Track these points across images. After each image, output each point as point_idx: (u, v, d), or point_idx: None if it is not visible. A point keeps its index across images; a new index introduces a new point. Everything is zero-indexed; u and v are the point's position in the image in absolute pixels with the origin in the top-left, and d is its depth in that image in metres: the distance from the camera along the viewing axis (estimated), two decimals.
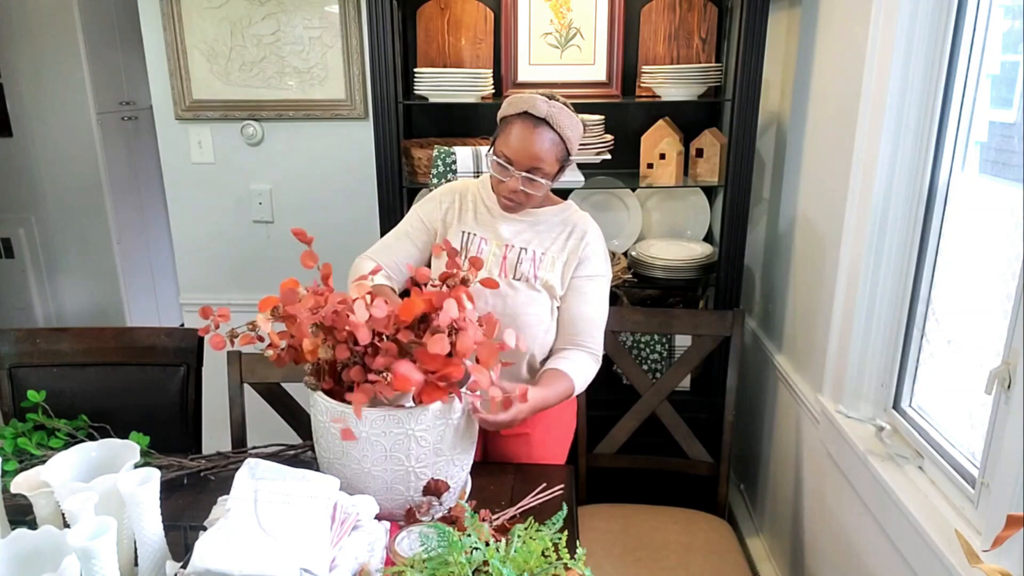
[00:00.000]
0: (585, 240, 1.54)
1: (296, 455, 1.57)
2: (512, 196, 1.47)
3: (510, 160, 1.43)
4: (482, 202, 1.59)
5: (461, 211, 1.58)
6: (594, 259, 1.54)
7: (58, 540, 1.00)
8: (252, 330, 1.25)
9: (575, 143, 1.46)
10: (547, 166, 1.43)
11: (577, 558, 1.12)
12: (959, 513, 1.30)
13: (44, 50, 3.41)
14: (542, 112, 1.40)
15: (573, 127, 1.44)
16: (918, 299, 1.56)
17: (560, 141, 1.42)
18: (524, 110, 1.42)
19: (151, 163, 3.80)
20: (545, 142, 1.41)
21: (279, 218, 2.62)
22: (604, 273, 1.56)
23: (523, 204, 1.50)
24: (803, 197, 2.02)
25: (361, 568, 1.14)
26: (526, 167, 1.43)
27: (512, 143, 1.42)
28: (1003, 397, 1.15)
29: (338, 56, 2.43)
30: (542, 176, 1.44)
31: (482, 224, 1.56)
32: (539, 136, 1.40)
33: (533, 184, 1.44)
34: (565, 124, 1.42)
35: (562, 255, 1.54)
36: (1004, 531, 0.81)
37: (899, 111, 1.51)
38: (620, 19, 2.27)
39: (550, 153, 1.42)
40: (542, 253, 1.53)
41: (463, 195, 1.61)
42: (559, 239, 1.55)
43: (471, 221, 1.57)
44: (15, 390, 1.79)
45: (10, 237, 3.68)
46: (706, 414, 2.20)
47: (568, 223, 1.56)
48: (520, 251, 1.53)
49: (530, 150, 1.41)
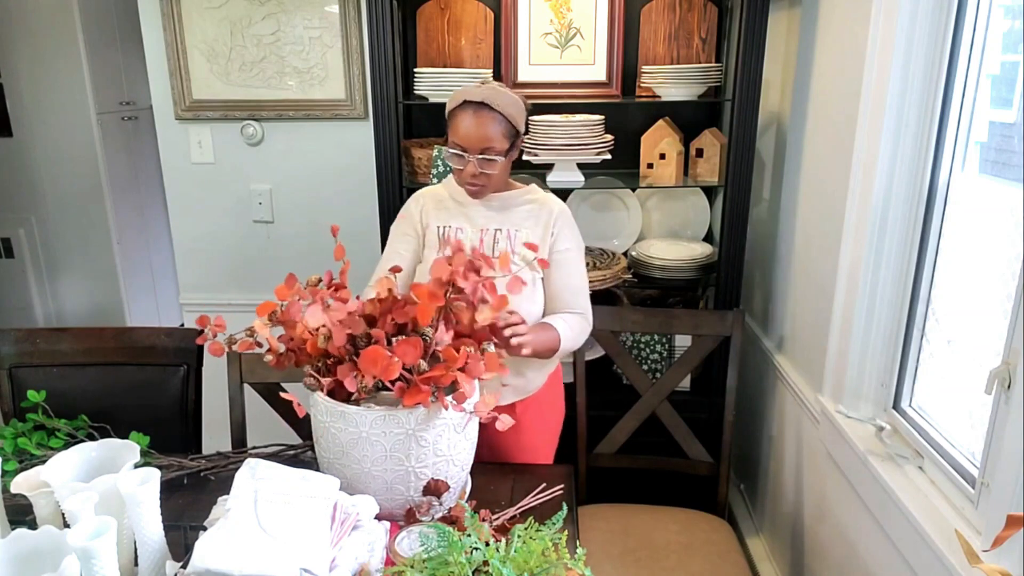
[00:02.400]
0: (554, 216, 1.64)
1: (296, 455, 1.57)
2: (474, 180, 1.56)
3: (463, 147, 1.53)
4: (450, 197, 1.68)
5: (435, 209, 1.68)
6: (567, 231, 1.64)
7: (58, 540, 1.00)
8: (250, 336, 1.26)
9: (519, 119, 1.56)
10: (497, 144, 1.53)
11: (577, 558, 1.12)
12: (959, 513, 1.30)
13: (44, 50, 3.41)
14: (479, 96, 1.51)
15: (511, 103, 1.54)
16: (918, 299, 1.56)
17: (503, 118, 1.52)
18: (463, 100, 1.53)
19: (151, 163, 3.80)
20: (489, 122, 1.51)
21: (279, 218, 2.62)
22: (577, 245, 1.67)
23: (486, 186, 1.58)
24: (803, 197, 2.02)
25: (361, 568, 1.14)
26: (478, 149, 1.52)
27: (461, 131, 1.52)
28: (1003, 397, 1.15)
29: (338, 56, 2.43)
30: (495, 154, 1.53)
31: (455, 216, 1.66)
32: (482, 118, 1.51)
33: (489, 164, 1.54)
34: (503, 102, 1.52)
35: (536, 229, 1.63)
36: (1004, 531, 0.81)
37: (899, 111, 1.51)
38: (620, 19, 2.27)
39: (496, 131, 1.52)
40: (516, 231, 1.63)
41: (429, 196, 1.71)
42: (530, 216, 1.64)
43: (444, 216, 1.66)
44: (15, 390, 1.79)
45: (10, 237, 3.68)
46: (706, 414, 2.20)
47: (535, 202, 1.66)
48: (495, 232, 1.63)
49: (477, 132, 1.51)
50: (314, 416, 1.30)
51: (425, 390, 1.20)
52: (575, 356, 1.96)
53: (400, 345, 1.19)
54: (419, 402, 1.20)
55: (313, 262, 2.53)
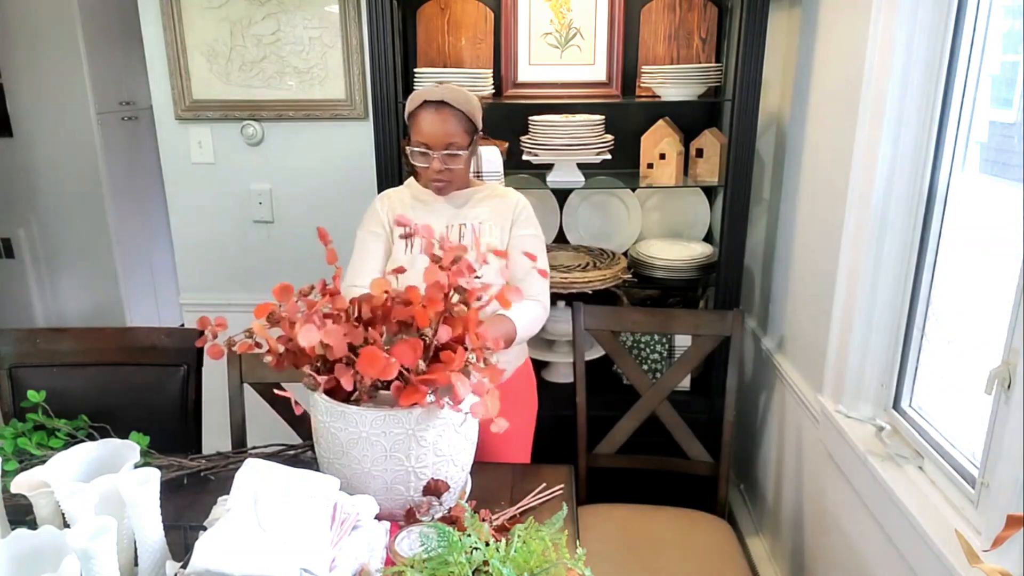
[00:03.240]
0: (518, 206, 1.70)
1: (296, 455, 1.57)
2: (439, 176, 1.62)
3: (428, 145, 1.59)
4: (413, 197, 1.73)
5: (400, 208, 1.72)
6: (526, 218, 1.71)
7: (58, 540, 1.00)
8: (249, 337, 1.26)
9: (477, 115, 1.62)
10: (459, 139, 1.59)
11: (577, 558, 1.12)
12: (959, 513, 1.30)
13: (44, 50, 3.41)
14: (438, 96, 1.57)
15: (468, 100, 1.61)
16: (918, 299, 1.56)
17: (462, 115, 1.59)
18: (423, 100, 1.59)
19: (151, 163, 3.80)
20: (450, 119, 1.58)
21: (279, 218, 2.62)
22: (535, 233, 1.72)
23: (451, 181, 1.65)
24: (803, 197, 2.02)
25: (361, 568, 1.14)
26: (443, 145, 1.59)
27: (424, 129, 1.59)
28: (1003, 397, 1.15)
29: (338, 56, 2.43)
30: (457, 149, 1.60)
31: (420, 214, 1.70)
32: (443, 116, 1.57)
33: (453, 159, 1.60)
34: (461, 99, 1.59)
35: (499, 219, 1.69)
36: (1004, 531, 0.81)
37: (899, 111, 1.51)
38: (620, 19, 2.27)
39: (458, 127, 1.59)
40: (480, 223, 1.68)
41: (394, 197, 1.75)
42: (492, 210, 1.70)
43: (410, 215, 1.70)
44: (15, 390, 1.79)
45: (10, 237, 3.68)
46: (706, 414, 2.20)
47: (495, 195, 1.72)
48: (460, 227, 1.69)
49: (439, 130, 1.58)
50: (314, 416, 1.30)
51: (422, 390, 1.20)
52: (575, 356, 1.96)
53: (398, 346, 1.19)
54: (415, 402, 1.20)
55: (313, 262, 2.53)
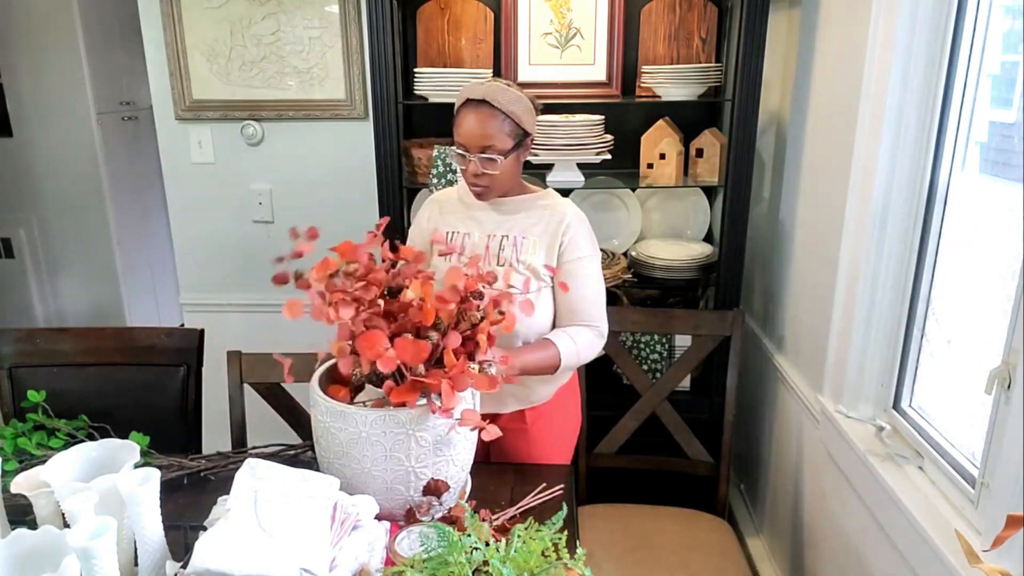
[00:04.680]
0: (565, 222, 1.57)
1: (296, 455, 1.57)
2: (476, 180, 1.53)
3: (465, 146, 1.50)
4: (460, 201, 1.65)
5: (442, 214, 1.66)
6: (579, 240, 1.58)
7: (58, 540, 1.00)
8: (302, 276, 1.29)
9: (523, 116, 1.51)
10: (498, 143, 1.49)
11: (577, 558, 1.12)
12: (959, 513, 1.30)
13: (44, 50, 3.41)
14: (480, 94, 1.48)
15: (514, 101, 1.50)
16: (918, 299, 1.56)
17: (504, 116, 1.48)
18: (466, 98, 1.50)
19: (151, 163, 3.79)
20: (488, 119, 1.48)
21: (279, 218, 2.62)
22: (591, 253, 1.60)
23: (490, 187, 1.54)
24: (803, 197, 2.02)
25: (361, 568, 1.14)
26: (479, 148, 1.49)
27: (462, 130, 1.50)
28: (1003, 397, 1.15)
29: (338, 56, 2.43)
30: (495, 153, 1.49)
31: (463, 220, 1.63)
32: (481, 116, 1.48)
33: (490, 163, 1.50)
34: (504, 100, 1.48)
35: (544, 238, 1.58)
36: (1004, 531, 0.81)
37: (899, 111, 1.51)
38: (620, 19, 2.27)
39: (496, 128, 1.48)
40: (522, 238, 1.58)
41: (442, 201, 1.69)
42: (539, 223, 1.59)
43: (453, 220, 1.64)
44: (15, 390, 1.79)
45: (10, 237, 3.68)
46: (706, 414, 2.20)
47: (547, 208, 1.60)
48: (502, 238, 1.59)
49: (477, 131, 1.48)
50: (314, 416, 1.30)
51: (415, 391, 1.19)
52: None
53: (402, 342, 1.18)
54: (405, 401, 1.20)
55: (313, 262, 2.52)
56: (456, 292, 1.23)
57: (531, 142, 1.57)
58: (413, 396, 1.20)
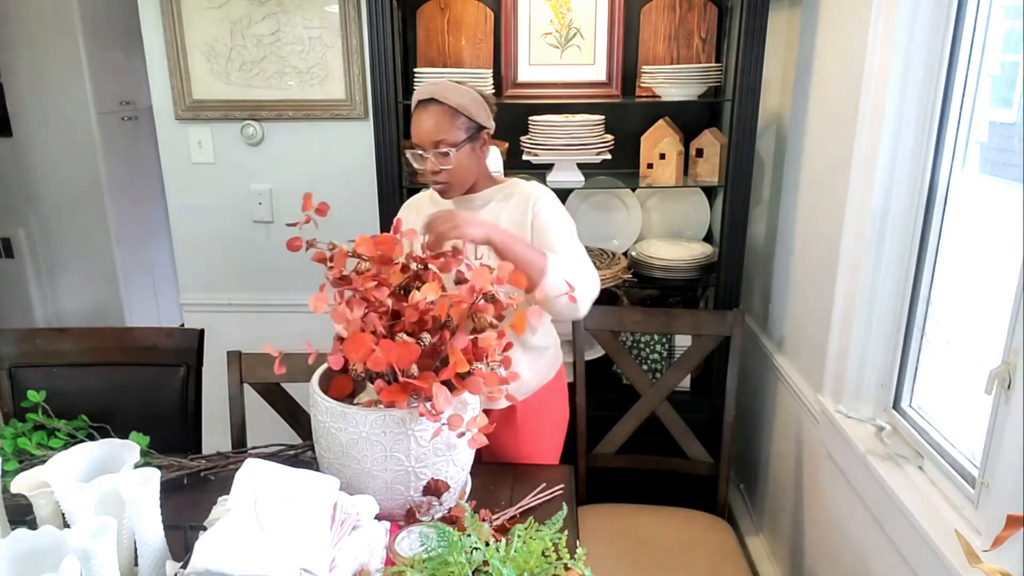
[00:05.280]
0: (532, 200, 1.58)
1: (296, 455, 1.57)
2: (435, 177, 1.55)
3: (420, 146, 1.53)
4: (431, 201, 1.67)
5: (416, 219, 1.66)
6: (548, 207, 1.57)
7: (58, 540, 1.00)
8: (331, 250, 1.32)
9: (473, 109, 1.52)
10: (449, 136, 1.51)
11: (577, 558, 1.12)
12: (959, 513, 1.30)
13: (44, 50, 3.41)
14: (427, 94, 1.51)
15: (463, 95, 1.52)
16: (918, 299, 1.56)
17: (451, 109, 1.50)
18: (416, 100, 1.53)
19: (151, 163, 3.80)
20: (436, 115, 1.50)
21: (279, 218, 2.62)
22: (564, 222, 1.58)
23: (451, 182, 1.56)
24: (803, 197, 2.02)
25: (361, 568, 1.14)
26: (431, 144, 1.51)
27: (414, 130, 1.53)
28: (1003, 397, 1.15)
29: (338, 56, 2.43)
30: (447, 146, 1.51)
31: None
32: (430, 113, 1.51)
33: (444, 158, 1.52)
34: (451, 95, 1.51)
35: (515, 215, 1.58)
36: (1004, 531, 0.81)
37: (899, 111, 1.51)
38: (620, 19, 2.27)
39: (445, 123, 1.50)
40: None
41: (416, 204, 1.72)
42: (506, 210, 1.60)
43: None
44: (15, 390, 1.79)
45: (10, 237, 3.68)
46: (706, 414, 2.20)
47: (512, 195, 1.61)
48: None
49: (427, 127, 1.51)
50: (314, 416, 1.30)
51: (405, 393, 1.19)
52: (575, 356, 1.96)
53: (388, 344, 1.18)
54: (394, 402, 1.20)
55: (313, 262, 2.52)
56: (472, 291, 1.22)
57: (488, 135, 1.58)
58: (403, 397, 1.20)
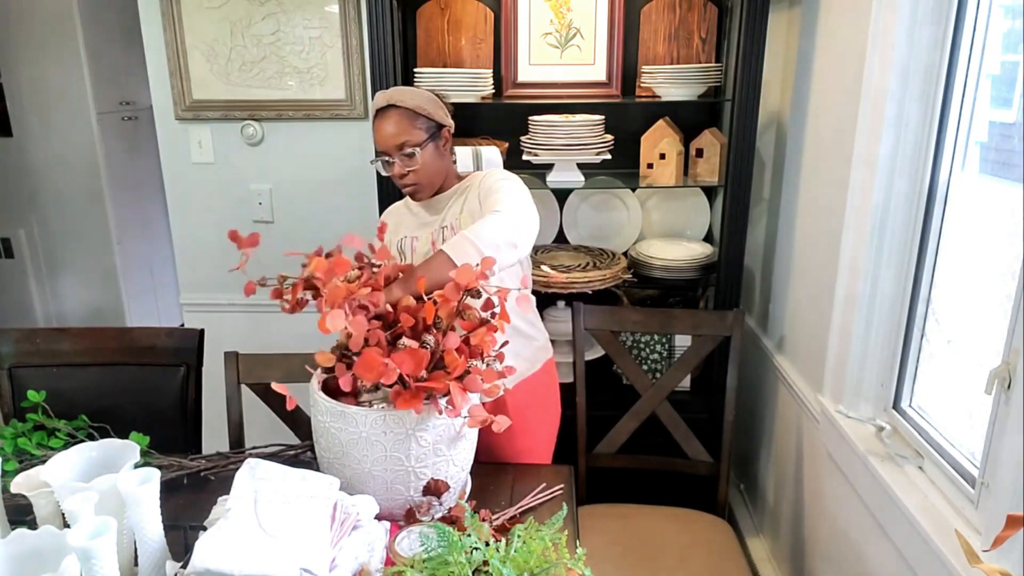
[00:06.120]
0: (480, 177, 1.62)
1: (296, 455, 1.57)
2: (404, 180, 1.59)
3: (385, 152, 1.57)
4: (407, 208, 1.72)
5: (394, 226, 1.72)
6: (490, 189, 1.56)
7: (58, 540, 1.00)
8: (281, 283, 1.34)
9: (430, 108, 1.57)
10: (411, 137, 1.55)
11: (577, 558, 1.12)
12: (959, 513, 1.30)
13: (44, 50, 3.41)
14: (384, 101, 1.56)
15: (417, 96, 1.57)
16: (918, 299, 1.56)
17: (409, 111, 1.55)
18: (375, 110, 1.58)
19: (151, 163, 3.80)
20: (396, 118, 1.55)
21: (279, 218, 2.62)
22: (500, 187, 1.55)
23: (419, 183, 1.60)
24: (803, 197, 2.02)
25: (361, 568, 1.14)
26: (396, 148, 1.55)
27: (377, 138, 1.57)
28: (1003, 397, 1.15)
29: (338, 56, 2.43)
30: (411, 147, 1.55)
31: (412, 227, 1.70)
32: (390, 118, 1.55)
33: (409, 159, 1.56)
34: (407, 98, 1.56)
35: (472, 200, 1.61)
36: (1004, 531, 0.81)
37: (899, 111, 1.51)
38: (620, 19, 2.27)
39: (407, 125, 1.55)
40: (457, 220, 1.62)
41: (394, 213, 1.76)
42: (468, 203, 1.63)
43: (403, 229, 1.71)
44: (15, 390, 1.79)
45: (10, 237, 3.68)
46: (706, 414, 2.20)
47: (471, 186, 1.64)
48: (443, 230, 1.64)
49: (388, 132, 1.55)
50: (314, 416, 1.30)
51: (420, 397, 1.19)
52: (575, 356, 1.96)
53: (400, 355, 1.18)
54: (412, 407, 1.20)
55: None
56: (458, 289, 1.23)
57: (449, 133, 1.63)
58: (418, 401, 1.20)
